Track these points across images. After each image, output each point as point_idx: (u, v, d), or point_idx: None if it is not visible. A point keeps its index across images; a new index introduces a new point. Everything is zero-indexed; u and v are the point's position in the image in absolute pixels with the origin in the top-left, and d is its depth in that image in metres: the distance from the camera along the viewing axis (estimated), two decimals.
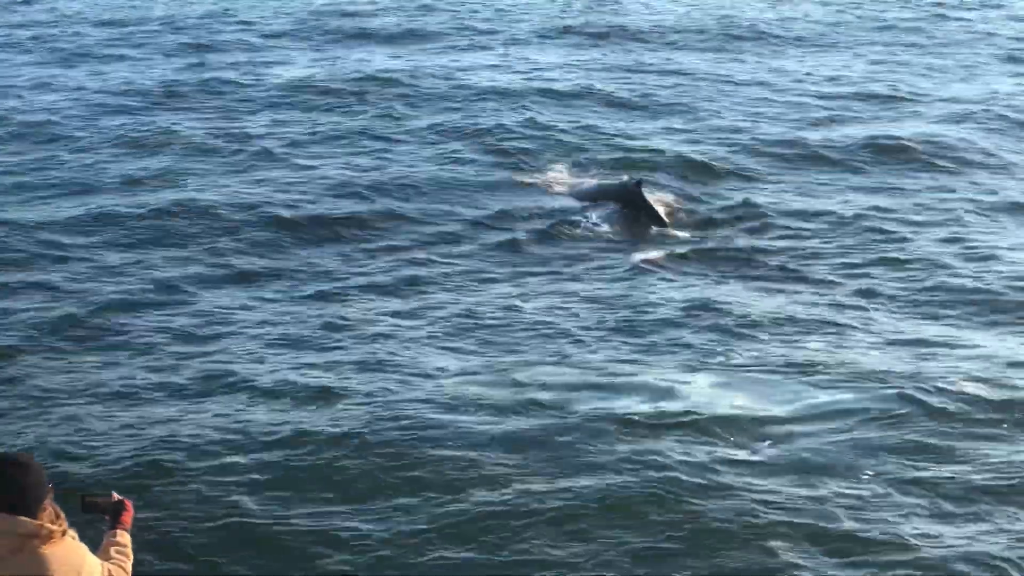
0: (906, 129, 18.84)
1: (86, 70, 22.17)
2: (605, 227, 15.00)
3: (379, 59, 23.07)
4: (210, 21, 26.25)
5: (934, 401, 10.47)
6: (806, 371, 11.10)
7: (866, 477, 9.42)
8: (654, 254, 14.16)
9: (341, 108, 19.82)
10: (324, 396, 10.57)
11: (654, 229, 14.95)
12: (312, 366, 11.19)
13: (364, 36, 25.10)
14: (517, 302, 12.70)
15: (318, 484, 9.27)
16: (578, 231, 14.85)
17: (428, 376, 11.00)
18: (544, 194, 16.11)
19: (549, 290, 13.08)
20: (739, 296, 12.88)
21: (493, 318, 12.30)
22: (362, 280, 13.29)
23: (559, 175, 16.82)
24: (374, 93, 20.52)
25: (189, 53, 23.38)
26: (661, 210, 15.24)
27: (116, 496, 5.57)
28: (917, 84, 21.76)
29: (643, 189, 15.39)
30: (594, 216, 15.25)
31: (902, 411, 10.36)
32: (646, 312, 12.46)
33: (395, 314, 12.42)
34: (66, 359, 11.36)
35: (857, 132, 18.70)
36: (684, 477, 9.31)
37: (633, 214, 15.18)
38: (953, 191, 16.37)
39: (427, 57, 23.32)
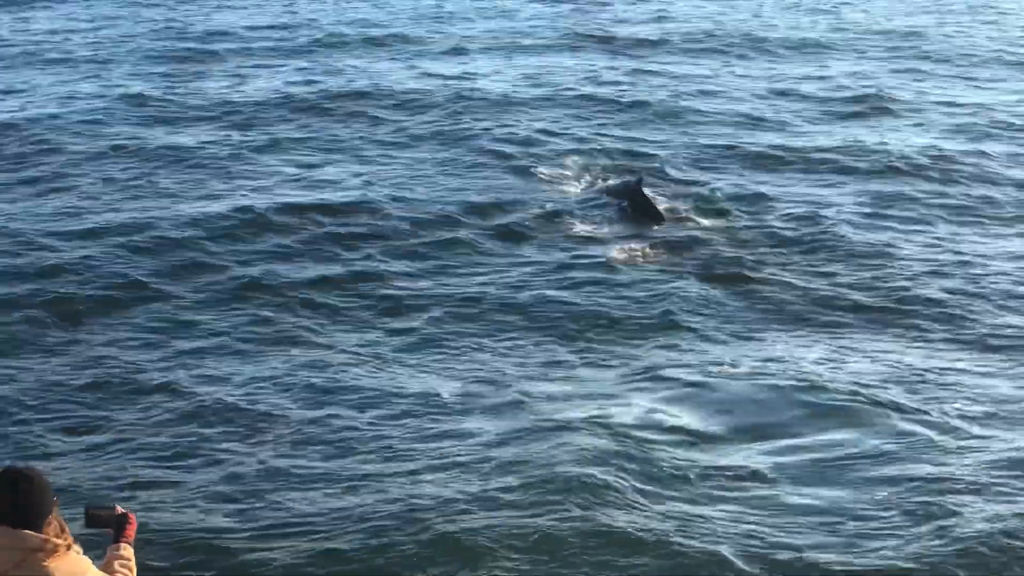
0: (903, 135, 18.81)
1: (74, 77, 21.97)
2: (606, 226, 14.92)
3: (376, 65, 22.93)
4: (198, 30, 26.06)
5: (924, 427, 10.22)
6: (799, 382, 10.92)
7: (851, 497, 9.20)
8: (654, 253, 14.09)
9: (336, 113, 19.64)
10: (298, 403, 10.46)
11: (655, 228, 14.87)
12: (293, 371, 11.08)
13: (360, 42, 24.89)
14: (513, 302, 12.65)
15: (287, 494, 9.13)
16: (578, 230, 14.78)
17: (411, 378, 10.93)
18: (544, 193, 16.04)
19: (546, 290, 13.00)
20: (737, 300, 12.83)
21: (487, 319, 12.28)
22: (354, 281, 13.20)
23: (559, 174, 16.77)
24: (370, 98, 20.33)
25: (176, 61, 23.15)
26: (662, 209, 15.17)
27: (120, 509, 5.53)
28: (914, 88, 21.73)
29: (644, 188, 15.32)
30: (594, 215, 15.18)
31: (890, 432, 10.13)
32: (644, 313, 12.42)
33: (388, 315, 12.37)
34: (23, 367, 11.16)
35: (856, 135, 18.66)
36: (661, 488, 9.18)
37: (634, 213, 15.14)
38: (947, 199, 16.24)
39: (424, 62, 23.22)
